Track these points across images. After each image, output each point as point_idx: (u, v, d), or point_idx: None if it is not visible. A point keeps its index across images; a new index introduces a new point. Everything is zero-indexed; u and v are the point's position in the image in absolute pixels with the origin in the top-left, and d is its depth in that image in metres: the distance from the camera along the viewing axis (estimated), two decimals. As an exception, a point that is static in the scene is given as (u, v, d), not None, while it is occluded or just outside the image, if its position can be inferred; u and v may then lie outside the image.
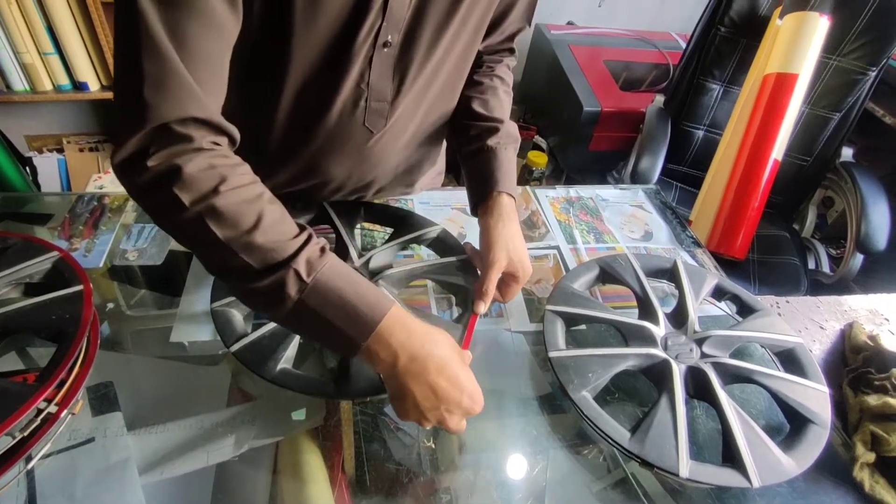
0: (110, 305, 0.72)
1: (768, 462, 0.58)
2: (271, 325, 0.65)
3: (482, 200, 0.71)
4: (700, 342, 0.69)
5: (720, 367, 0.66)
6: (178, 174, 0.46)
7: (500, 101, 0.77)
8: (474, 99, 0.76)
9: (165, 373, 0.66)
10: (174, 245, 0.82)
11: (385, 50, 0.61)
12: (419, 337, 0.51)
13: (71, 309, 0.60)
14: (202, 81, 0.48)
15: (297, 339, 0.64)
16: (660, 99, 1.68)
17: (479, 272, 0.71)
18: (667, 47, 2.07)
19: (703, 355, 0.68)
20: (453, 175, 2.14)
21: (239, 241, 0.48)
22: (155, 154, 0.46)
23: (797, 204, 1.65)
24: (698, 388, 0.65)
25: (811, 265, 1.53)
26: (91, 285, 0.63)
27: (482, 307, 0.67)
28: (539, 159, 2.00)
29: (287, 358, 0.62)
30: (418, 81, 0.66)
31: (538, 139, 2.11)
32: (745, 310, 0.78)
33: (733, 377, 0.67)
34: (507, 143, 0.74)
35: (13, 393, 0.52)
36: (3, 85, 1.69)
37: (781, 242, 1.55)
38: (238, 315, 0.66)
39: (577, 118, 1.76)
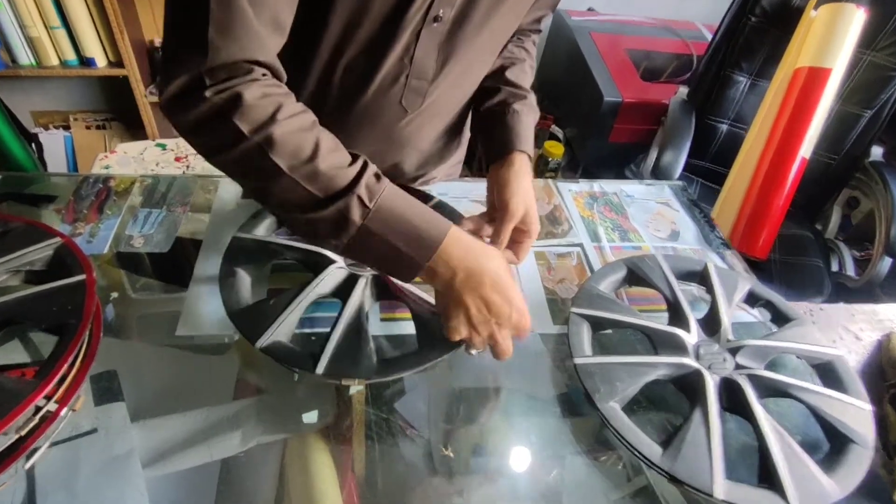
0: (114, 295, 0.69)
1: (809, 484, 0.54)
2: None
3: (502, 155, 0.70)
4: (734, 352, 0.66)
5: (756, 380, 0.63)
6: (239, 102, 0.45)
7: (526, 74, 0.77)
8: (505, 67, 0.75)
9: (170, 362, 0.64)
10: (182, 231, 0.79)
11: (435, 25, 0.58)
12: (475, 252, 0.53)
13: (73, 299, 0.57)
14: (266, 25, 0.47)
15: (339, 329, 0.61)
16: (683, 91, 1.63)
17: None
18: (691, 37, 2.01)
19: (738, 366, 0.64)
20: (470, 166, 2.10)
21: (301, 171, 0.47)
22: (213, 86, 0.45)
23: (822, 203, 1.60)
24: (733, 401, 0.62)
25: (834, 267, 1.49)
26: (94, 275, 0.59)
27: None
28: (555, 150, 1.95)
29: (327, 350, 0.59)
30: (462, 61, 0.63)
31: (555, 129, 2.06)
32: (779, 318, 0.74)
33: (770, 391, 0.63)
34: (530, 111, 0.74)
35: (10, 390, 0.49)
36: (8, 59, 1.65)
37: (804, 243, 1.50)
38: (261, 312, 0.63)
39: (597, 108, 1.71)
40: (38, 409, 0.51)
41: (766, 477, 0.56)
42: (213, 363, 0.64)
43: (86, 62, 1.71)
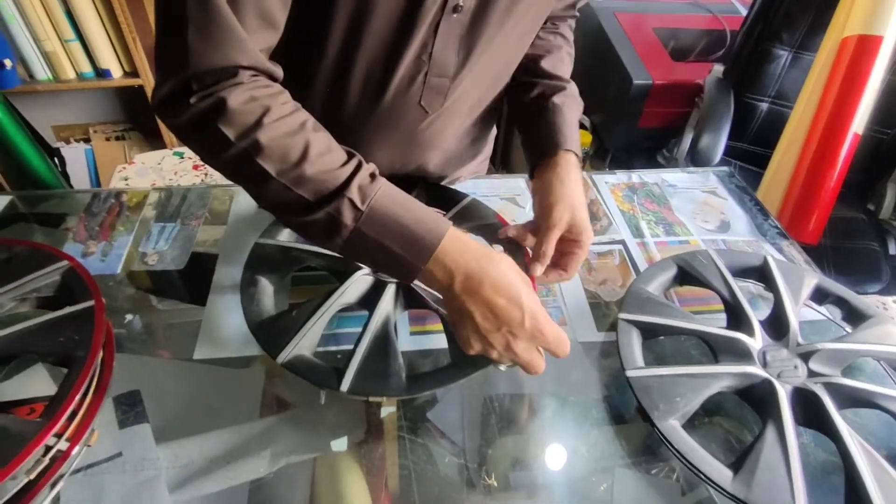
0: (129, 317, 0.66)
1: (905, 509, 0.47)
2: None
3: (546, 157, 0.64)
4: (806, 357, 0.59)
5: (834, 389, 0.56)
6: (222, 108, 0.44)
7: (564, 62, 0.70)
8: (539, 56, 0.68)
9: (193, 379, 0.61)
10: (197, 245, 0.75)
11: (454, 16, 0.52)
12: (474, 254, 0.49)
13: (81, 328, 0.53)
14: (249, 25, 0.45)
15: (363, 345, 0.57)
16: (718, 69, 1.53)
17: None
18: (722, 11, 1.89)
19: (811, 373, 0.58)
20: (493, 161, 2.03)
21: (289, 175, 0.46)
22: (198, 92, 0.45)
23: (874, 182, 1.49)
24: (808, 414, 0.55)
25: (892, 251, 1.38)
26: (103, 301, 0.55)
27: (539, 269, 0.61)
28: (582, 138, 1.87)
29: (352, 365, 0.55)
30: (486, 54, 0.57)
31: (580, 116, 1.98)
32: (853, 316, 0.66)
33: (851, 400, 0.56)
34: (573, 103, 0.67)
35: (15, 431, 0.45)
36: (25, 74, 1.65)
37: (857, 225, 1.40)
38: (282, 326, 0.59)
39: (625, 93, 1.62)
40: (49, 448, 0.47)
41: (855, 501, 0.49)
42: (237, 377, 0.61)
43: (102, 74, 1.70)
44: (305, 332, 0.56)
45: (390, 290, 0.60)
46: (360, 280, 0.61)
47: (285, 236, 0.70)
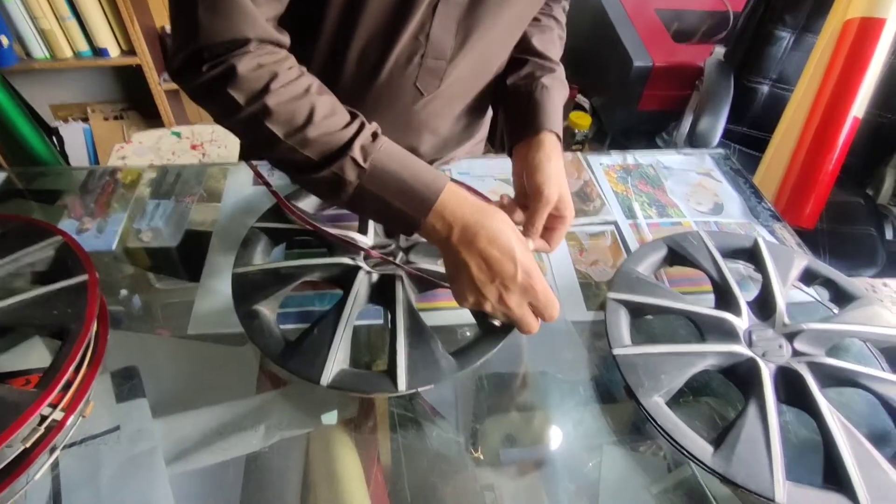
0: (124, 292, 0.67)
1: (882, 484, 0.48)
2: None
3: (530, 136, 0.64)
4: (791, 337, 0.59)
5: (817, 368, 0.56)
6: (232, 74, 0.47)
7: (555, 44, 0.70)
8: (531, 35, 0.69)
9: (190, 355, 0.62)
10: (191, 223, 0.75)
11: None
12: (471, 207, 0.51)
13: (75, 301, 0.54)
14: None
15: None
16: (720, 51, 1.52)
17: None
18: (726, -8, 1.87)
19: (796, 353, 0.58)
20: (492, 142, 2.02)
21: (295, 138, 0.49)
22: (209, 61, 0.48)
23: (873, 166, 1.49)
24: (791, 392, 0.56)
25: (889, 235, 1.38)
26: (97, 275, 0.56)
27: (530, 244, 0.62)
28: (582, 121, 1.86)
29: (399, 363, 0.54)
30: (483, 39, 0.58)
31: (580, 99, 1.96)
32: (840, 297, 0.67)
33: (833, 380, 0.57)
34: (560, 86, 0.68)
35: (11, 400, 0.46)
36: (22, 52, 1.64)
37: (854, 210, 1.40)
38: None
39: (625, 75, 1.61)
40: (44, 418, 0.48)
41: (833, 477, 0.50)
42: (233, 355, 0.62)
43: (99, 52, 1.69)
44: (336, 347, 0.54)
45: (399, 283, 0.59)
46: (364, 279, 0.60)
47: (259, 258, 0.65)
